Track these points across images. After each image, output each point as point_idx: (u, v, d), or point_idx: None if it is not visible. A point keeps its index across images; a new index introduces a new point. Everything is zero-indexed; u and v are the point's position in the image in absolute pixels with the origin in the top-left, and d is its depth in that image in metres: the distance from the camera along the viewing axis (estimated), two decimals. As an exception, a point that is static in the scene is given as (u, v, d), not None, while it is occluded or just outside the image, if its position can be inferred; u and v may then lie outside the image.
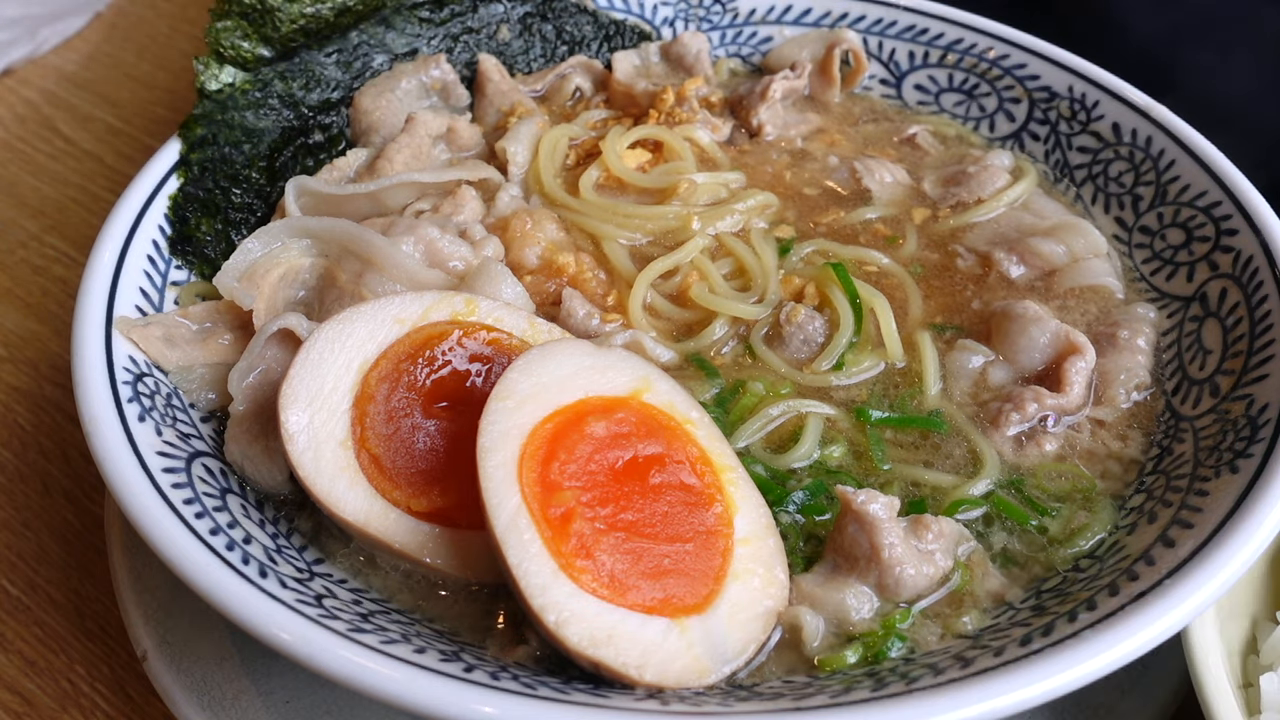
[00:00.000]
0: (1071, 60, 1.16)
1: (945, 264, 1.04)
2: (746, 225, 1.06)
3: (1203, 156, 1.02)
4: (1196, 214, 1.00)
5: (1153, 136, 1.07)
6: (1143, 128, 1.08)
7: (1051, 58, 1.17)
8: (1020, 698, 0.61)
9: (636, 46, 1.30)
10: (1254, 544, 0.69)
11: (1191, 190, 1.01)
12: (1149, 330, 0.94)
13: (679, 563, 0.71)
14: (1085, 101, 1.13)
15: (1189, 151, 1.03)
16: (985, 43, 1.21)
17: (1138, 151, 1.07)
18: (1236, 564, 0.68)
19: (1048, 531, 0.80)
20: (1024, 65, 1.18)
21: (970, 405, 0.90)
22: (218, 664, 0.82)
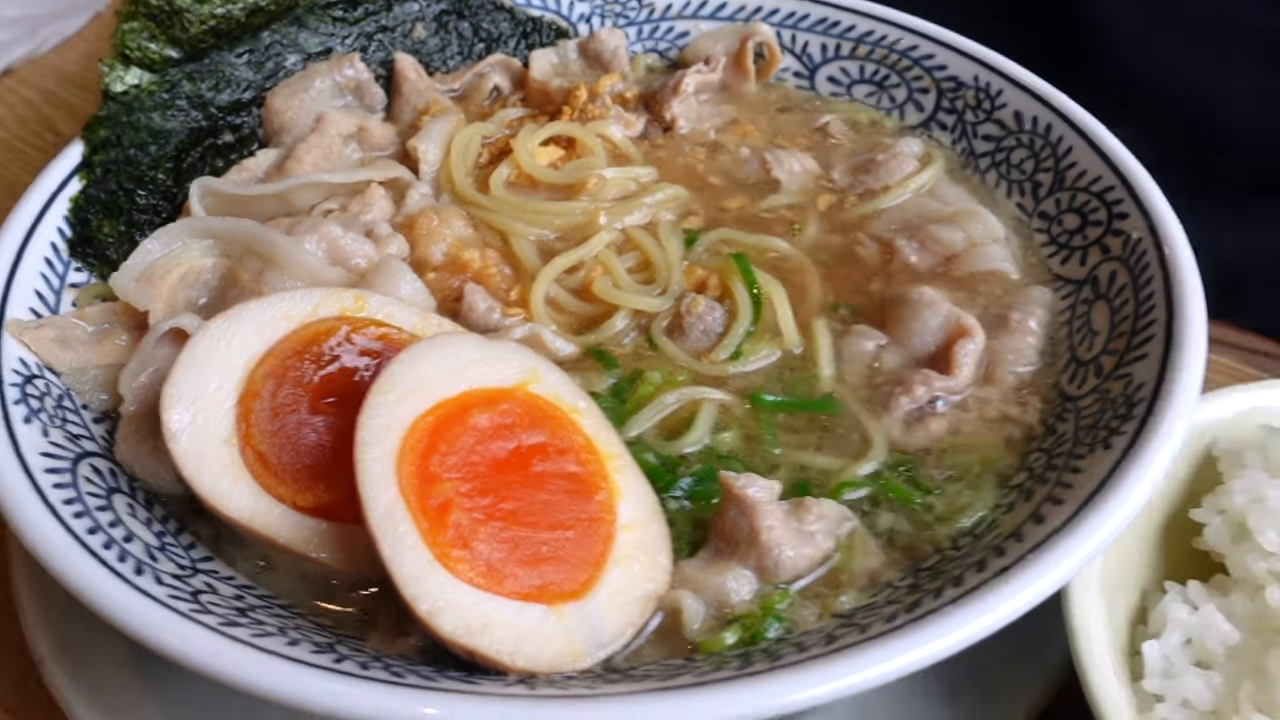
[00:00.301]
0: (977, 50, 1.18)
1: (848, 250, 1.05)
2: (654, 218, 1.07)
3: (1098, 142, 1.04)
4: (1091, 199, 1.01)
5: (1052, 124, 1.08)
6: (1043, 115, 1.10)
7: (958, 48, 1.18)
8: (877, 672, 0.63)
9: (554, 44, 1.31)
10: (1118, 518, 0.70)
11: (1087, 176, 1.03)
12: (1041, 312, 0.96)
13: (558, 550, 0.72)
14: (990, 90, 1.15)
15: (1086, 138, 1.05)
16: (895, 34, 1.23)
17: (1038, 139, 1.09)
18: (1099, 538, 0.69)
19: (933, 510, 0.81)
20: (932, 56, 1.20)
21: (863, 389, 0.91)
22: (115, 669, 0.82)
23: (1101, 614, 0.77)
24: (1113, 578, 0.82)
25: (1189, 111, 1.73)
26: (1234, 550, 0.83)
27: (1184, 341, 0.82)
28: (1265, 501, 0.81)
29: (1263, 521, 0.81)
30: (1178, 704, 0.78)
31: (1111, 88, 1.74)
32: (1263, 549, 0.80)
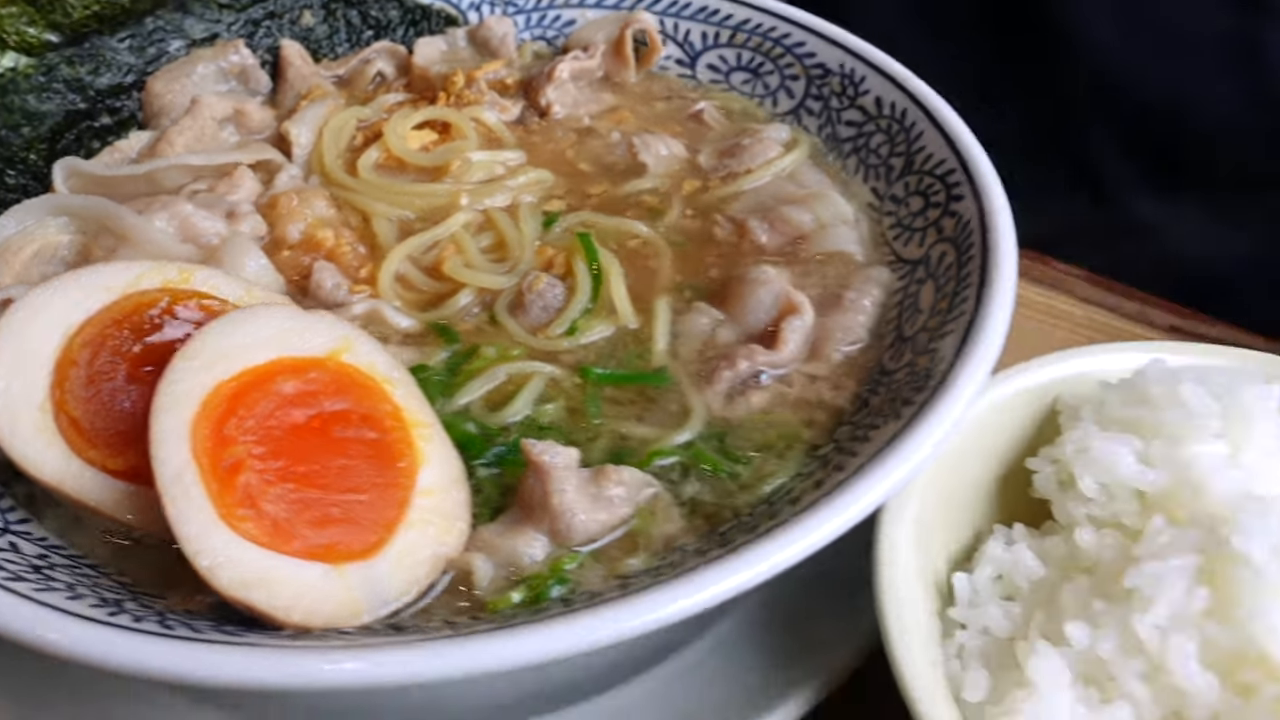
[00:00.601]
0: (844, 37, 1.20)
1: (705, 232, 1.07)
2: (516, 201, 1.09)
3: (945, 126, 1.06)
4: (934, 181, 1.04)
5: (907, 109, 1.11)
6: (900, 101, 1.12)
7: (826, 35, 1.21)
8: (641, 621, 0.65)
9: (443, 31, 1.34)
10: (884, 486, 0.72)
11: (934, 159, 1.05)
12: (877, 292, 0.98)
13: (350, 512, 0.74)
14: (854, 77, 1.17)
15: (935, 122, 1.07)
16: (770, 22, 1.25)
17: (894, 124, 1.11)
18: (861, 506, 0.72)
19: (739, 479, 0.84)
20: (803, 44, 1.22)
21: (695, 363, 0.93)
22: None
23: (911, 554, 0.81)
24: (944, 523, 0.88)
25: (1164, 114, 1.75)
26: (1060, 496, 0.87)
27: (986, 319, 0.84)
28: (1089, 451, 0.85)
29: (1085, 469, 0.85)
30: (978, 631, 0.82)
31: (1087, 91, 1.77)
32: (1082, 495, 0.84)
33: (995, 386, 0.92)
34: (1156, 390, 0.87)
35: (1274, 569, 0.73)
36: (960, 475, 0.90)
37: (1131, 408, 0.87)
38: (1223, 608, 0.74)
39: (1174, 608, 0.74)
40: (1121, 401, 0.88)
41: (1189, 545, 0.77)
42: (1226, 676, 0.73)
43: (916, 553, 0.82)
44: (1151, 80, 1.73)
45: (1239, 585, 0.74)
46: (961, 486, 0.91)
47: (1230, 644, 0.73)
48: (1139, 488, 0.82)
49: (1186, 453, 0.82)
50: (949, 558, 0.89)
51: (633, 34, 1.27)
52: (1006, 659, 0.78)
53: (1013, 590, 0.84)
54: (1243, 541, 0.74)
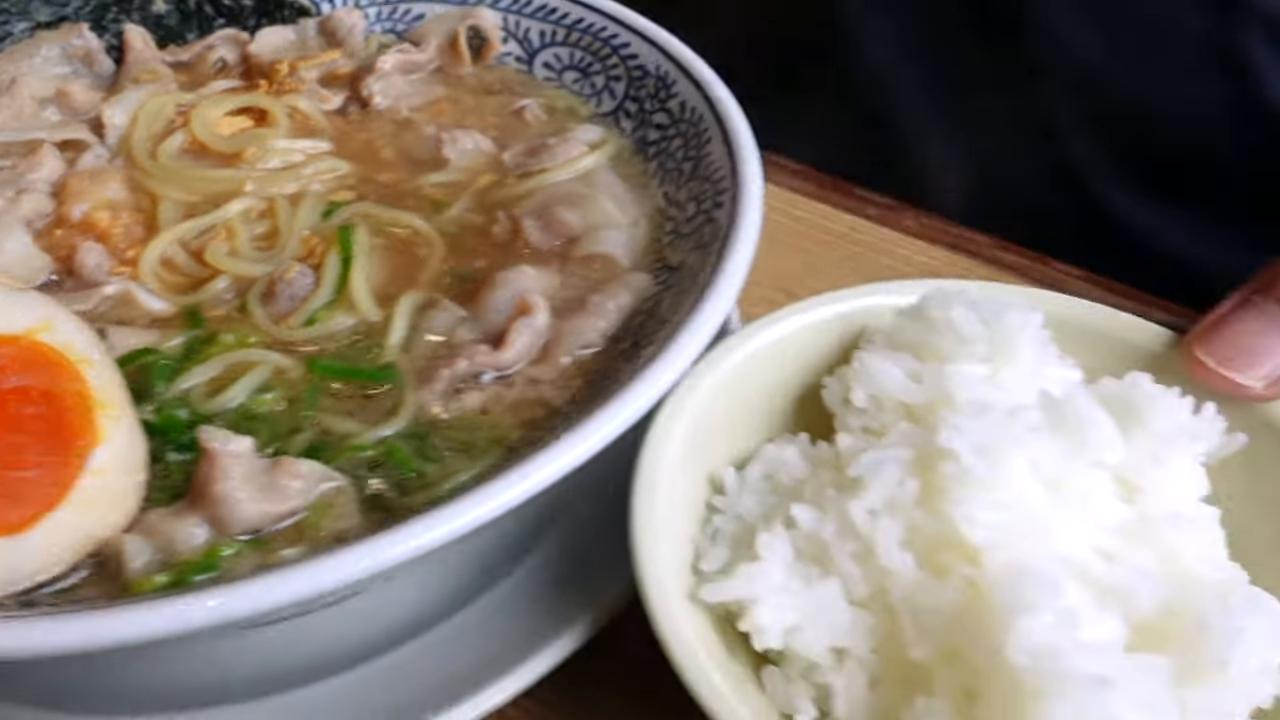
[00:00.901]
0: (663, 39, 1.18)
1: (484, 229, 1.07)
2: (303, 189, 1.10)
3: (730, 131, 1.04)
4: (709, 188, 1.02)
5: (704, 115, 1.09)
6: (700, 106, 1.10)
7: (648, 36, 1.19)
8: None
9: (295, 21, 1.36)
10: (532, 481, 0.73)
11: (715, 166, 1.04)
12: (625, 297, 0.97)
13: (11, 488, 0.76)
14: (667, 80, 1.16)
15: (723, 128, 1.06)
16: (601, 22, 1.24)
17: (691, 128, 1.10)
18: (509, 496, 0.72)
19: (425, 477, 0.84)
20: (627, 44, 1.21)
21: (424, 361, 0.93)
22: None
23: (677, 474, 0.88)
24: (741, 433, 0.96)
25: (1144, 116, 1.71)
26: (841, 410, 0.93)
27: (689, 325, 0.83)
28: (868, 368, 0.91)
29: (860, 383, 0.91)
30: (733, 517, 0.88)
31: (1066, 92, 1.75)
32: (856, 406, 0.91)
33: (809, 311, 1.00)
34: (936, 315, 0.92)
35: (976, 464, 0.78)
36: (763, 390, 0.98)
37: (915, 332, 0.94)
38: (930, 497, 0.80)
39: (886, 495, 0.81)
40: (907, 326, 0.95)
41: (907, 441, 0.84)
42: (926, 558, 0.80)
43: (685, 473, 0.89)
44: (1130, 82, 1.69)
45: (944, 477, 0.79)
46: (765, 399, 0.99)
47: (932, 530, 0.79)
48: (904, 401, 0.89)
49: (951, 371, 0.89)
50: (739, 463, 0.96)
51: (469, 30, 1.27)
52: (750, 540, 0.85)
53: (777, 486, 0.90)
54: (948, 438, 0.80)
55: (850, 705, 0.78)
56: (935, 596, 0.76)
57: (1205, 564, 0.80)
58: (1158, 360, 0.95)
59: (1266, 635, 0.74)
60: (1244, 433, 0.89)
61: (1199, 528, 0.83)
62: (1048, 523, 0.78)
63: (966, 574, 0.76)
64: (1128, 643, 0.74)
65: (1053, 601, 0.71)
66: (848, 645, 0.79)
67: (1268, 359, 0.87)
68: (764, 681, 0.82)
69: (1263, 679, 0.75)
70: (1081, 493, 0.80)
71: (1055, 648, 0.69)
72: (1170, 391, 0.87)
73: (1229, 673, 0.72)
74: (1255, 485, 0.89)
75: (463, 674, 0.92)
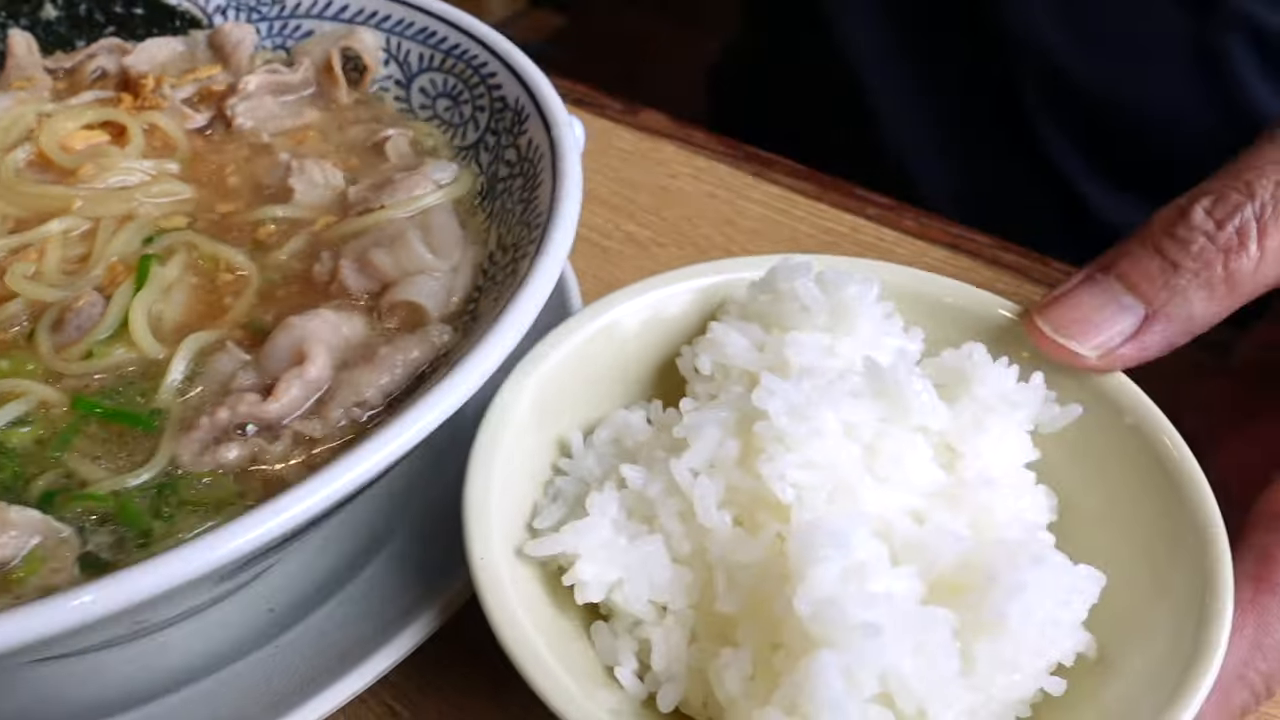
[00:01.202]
0: (523, 67, 1.12)
1: (306, 269, 1.03)
2: (132, 212, 1.07)
3: (560, 177, 0.98)
4: (526, 236, 0.96)
5: (544, 156, 1.03)
6: (544, 146, 1.04)
7: (513, 66, 1.13)
8: None
9: (186, 33, 1.33)
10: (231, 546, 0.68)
11: (539, 213, 0.97)
12: (418, 354, 0.91)
13: None
14: (522, 115, 1.10)
15: (554, 172, 0.99)
16: (474, 49, 1.19)
17: (531, 169, 1.04)
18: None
19: (150, 535, 0.79)
20: (495, 74, 1.16)
21: (195, 405, 0.89)
22: None
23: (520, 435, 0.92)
24: (595, 403, 0.99)
25: (1120, 118, 1.71)
26: (693, 378, 0.96)
27: (424, 403, 0.77)
28: (716, 338, 0.94)
29: (707, 352, 0.94)
30: (575, 478, 0.91)
31: (1041, 93, 1.72)
32: (703, 374, 0.93)
33: (672, 284, 1.02)
34: (782, 286, 0.95)
35: (788, 425, 0.81)
36: (623, 359, 1.01)
37: (764, 303, 0.96)
38: (748, 458, 0.82)
39: (707, 455, 0.83)
40: (757, 297, 0.97)
41: (732, 404, 0.86)
42: (745, 517, 0.83)
43: (535, 438, 0.93)
44: (1104, 84, 1.69)
45: (760, 438, 0.82)
46: (624, 368, 1.02)
47: (749, 488, 0.82)
48: (746, 368, 0.91)
49: (791, 340, 0.91)
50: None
51: (344, 52, 1.23)
52: (586, 500, 0.87)
53: (620, 450, 0.92)
54: (760, 399, 0.82)
55: (668, 658, 0.81)
56: (747, 553, 0.79)
57: (1013, 527, 0.83)
58: (1004, 332, 0.98)
59: (1049, 591, 0.76)
60: (1078, 404, 0.91)
61: (1013, 492, 0.86)
62: (859, 484, 0.81)
63: (777, 531, 0.79)
64: (924, 598, 0.77)
65: (842, 555, 0.73)
66: (667, 600, 0.82)
67: (1103, 330, 0.90)
68: (591, 636, 0.84)
69: (1058, 633, 0.78)
70: (896, 456, 0.83)
71: (837, 599, 0.71)
72: (998, 361, 0.91)
73: (1009, 626, 0.74)
74: (1084, 456, 0.92)
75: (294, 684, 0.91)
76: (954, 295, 1.02)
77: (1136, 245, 0.93)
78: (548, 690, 0.72)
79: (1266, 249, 0.89)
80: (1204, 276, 0.89)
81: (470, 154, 1.15)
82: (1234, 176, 0.93)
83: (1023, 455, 0.91)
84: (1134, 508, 0.89)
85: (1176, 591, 0.81)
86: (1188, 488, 0.85)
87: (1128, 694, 0.78)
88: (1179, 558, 0.83)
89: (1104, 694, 0.80)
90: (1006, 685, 0.76)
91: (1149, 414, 0.90)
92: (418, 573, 0.98)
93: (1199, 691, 0.73)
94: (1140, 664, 0.80)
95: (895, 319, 0.98)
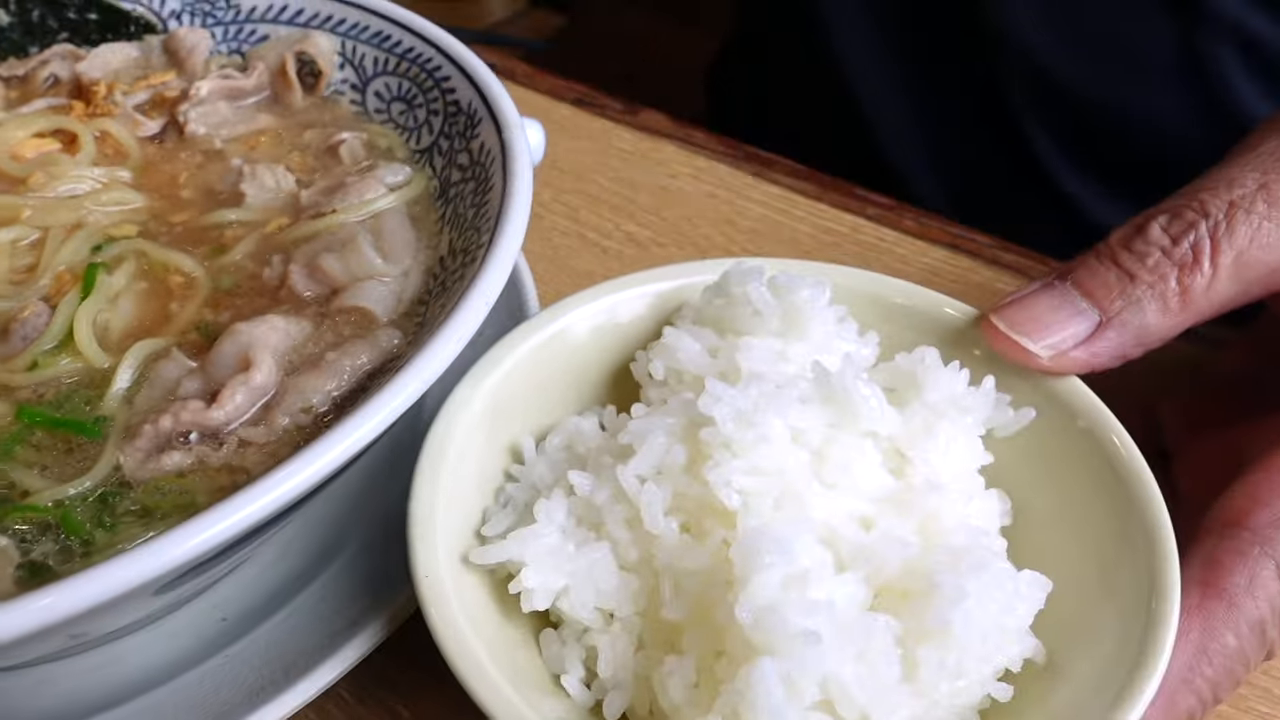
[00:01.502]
0: (476, 71, 1.12)
1: (258, 275, 1.02)
2: (82, 221, 1.07)
3: (510, 179, 0.98)
4: (474, 240, 0.96)
5: (496, 159, 1.03)
6: (495, 149, 1.04)
7: (466, 69, 1.13)
8: None
9: (140, 38, 1.32)
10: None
11: (489, 217, 0.97)
12: (365, 357, 0.91)
13: None
14: (475, 118, 1.10)
15: (505, 176, 0.99)
16: (428, 53, 1.18)
17: (483, 172, 1.04)
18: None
19: (92, 545, 0.79)
20: (448, 77, 1.15)
21: (140, 414, 0.89)
22: None
23: (470, 441, 0.91)
24: (551, 409, 0.99)
25: (1107, 121, 1.72)
26: (647, 383, 0.95)
27: (374, 404, 0.77)
28: (669, 343, 0.94)
29: (659, 357, 0.94)
30: (526, 485, 0.90)
31: (1027, 95, 1.73)
32: (655, 379, 0.93)
33: (627, 289, 1.02)
34: (735, 291, 0.94)
35: (735, 431, 0.80)
36: (578, 364, 1.01)
37: (717, 308, 0.96)
38: (694, 464, 0.82)
39: (654, 461, 0.83)
40: (712, 301, 0.97)
41: (681, 410, 0.85)
42: (690, 523, 0.82)
43: (486, 445, 0.92)
44: (1091, 87, 1.69)
45: (707, 445, 0.81)
46: (578, 373, 1.01)
47: (696, 495, 0.81)
48: (697, 374, 0.90)
49: (743, 345, 0.91)
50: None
51: (299, 56, 1.23)
52: (534, 506, 0.86)
53: (572, 456, 0.91)
54: (706, 405, 0.82)
55: (614, 666, 0.80)
56: (692, 560, 0.78)
57: (961, 532, 0.82)
58: (959, 334, 0.98)
59: (992, 597, 0.75)
60: (1031, 408, 0.92)
61: (963, 497, 0.86)
62: (806, 490, 0.80)
63: (723, 537, 0.79)
64: (870, 604, 0.77)
65: (785, 563, 0.73)
66: (614, 608, 0.82)
67: (1055, 331, 0.91)
68: (540, 643, 0.84)
69: (1003, 640, 0.77)
70: (845, 462, 0.82)
71: (778, 606, 0.71)
72: (950, 365, 0.90)
73: (953, 632, 0.74)
74: (1038, 460, 0.92)
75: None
76: (906, 297, 1.02)
77: (1094, 257, 0.95)
78: (489, 701, 0.72)
79: (1219, 265, 0.90)
80: (1158, 289, 0.90)
81: (425, 157, 1.15)
82: (1191, 194, 0.94)
83: (974, 460, 0.90)
84: (1086, 511, 0.89)
85: (1125, 595, 0.81)
86: (1137, 491, 0.85)
87: (1074, 698, 0.78)
88: (1128, 561, 0.83)
89: (1051, 699, 0.79)
90: (952, 692, 0.76)
91: (1101, 417, 0.90)
92: (367, 583, 0.97)
93: (1144, 696, 0.73)
94: (1087, 668, 0.79)
95: (849, 323, 0.98)
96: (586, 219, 1.54)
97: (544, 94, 1.79)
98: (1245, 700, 0.97)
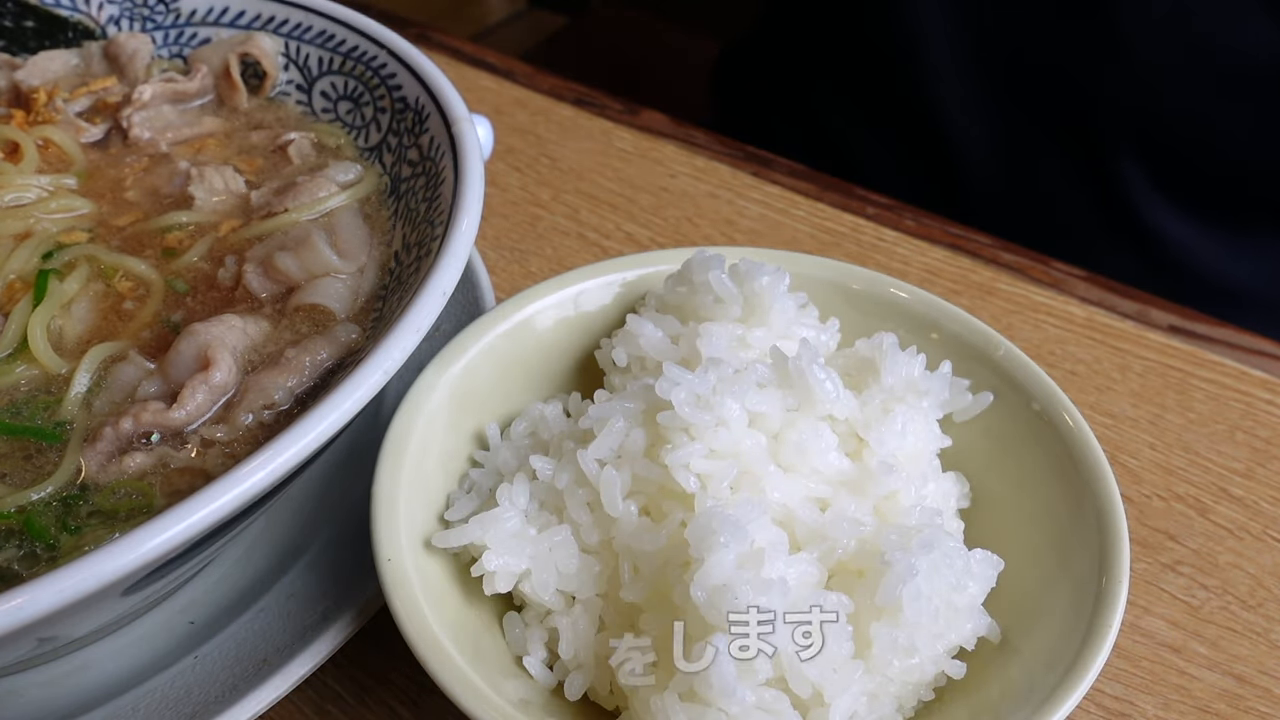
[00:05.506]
0: (424, 69, 1.13)
1: (212, 276, 1.03)
2: (30, 229, 1.06)
3: (461, 172, 0.99)
4: (429, 234, 0.97)
5: (445, 154, 1.04)
6: (444, 144, 1.05)
7: (412, 66, 1.14)
8: None
9: (80, 45, 1.31)
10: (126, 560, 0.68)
11: (441, 211, 0.99)
12: (326, 354, 0.92)
13: None
14: (423, 114, 1.11)
15: (456, 169, 1.00)
16: (373, 51, 1.19)
17: (433, 167, 1.05)
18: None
19: (56, 549, 0.79)
20: (394, 75, 1.16)
21: (101, 417, 0.89)
22: None
23: (434, 429, 0.93)
24: (517, 395, 1.01)
25: (1191, 132, 1.71)
26: (611, 369, 0.98)
27: (339, 395, 0.78)
28: (633, 330, 0.96)
29: (623, 344, 0.96)
30: (491, 470, 0.92)
31: (1113, 101, 1.72)
32: (619, 366, 0.96)
33: (590, 278, 1.04)
34: (697, 279, 0.96)
35: (692, 415, 0.82)
36: (543, 351, 1.03)
37: (680, 295, 0.98)
38: (653, 448, 0.84)
39: (614, 445, 0.84)
40: (674, 289, 0.99)
41: (640, 395, 0.87)
42: (649, 506, 0.84)
43: (451, 432, 0.94)
44: (1180, 98, 1.67)
45: (665, 429, 0.83)
46: (544, 361, 1.03)
47: (655, 478, 0.83)
48: (659, 360, 0.92)
49: (705, 331, 0.93)
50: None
51: (243, 58, 1.23)
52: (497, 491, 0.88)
53: (536, 441, 0.93)
54: (663, 389, 0.83)
55: (575, 646, 0.81)
56: (651, 542, 0.79)
57: (915, 513, 0.83)
58: (919, 321, 1.01)
59: (942, 575, 0.77)
60: (990, 392, 0.94)
61: (919, 479, 0.88)
62: (764, 473, 0.82)
63: (681, 520, 0.80)
64: (825, 584, 0.79)
65: (739, 543, 0.73)
66: (575, 590, 0.83)
67: None
68: (503, 626, 0.85)
69: (955, 617, 0.79)
70: (801, 445, 0.83)
71: (731, 584, 0.72)
72: (907, 350, 0.92)
73: (903, 609, 0.75)
74: (995, 442, 0.95)
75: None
76: (866, 284, 1.04)
77: None
78: (450, 683, 0.73)
79: None
80: None
81: (374, 155, 1.15)
82: None
83: (932, 442, 0.92)
84: (1041, 491, 0.91)
85: (1077, 573, 0.83)
86: (1090, 471, 0.87)
87: (1027, 674, 0.80)
88: (1080, 540, 0.85)
89: (1005, 675, 0.81)
90: (904, 669, 0.77)
91: (1055, 399, 0.92)
92: (336, 577, 0.98)
93: (1092, 670, 0.75)
94: (1039, 644, 0.81)
95: (811, 309, 1.00)
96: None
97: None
98: (1245, 700, 0.97)
